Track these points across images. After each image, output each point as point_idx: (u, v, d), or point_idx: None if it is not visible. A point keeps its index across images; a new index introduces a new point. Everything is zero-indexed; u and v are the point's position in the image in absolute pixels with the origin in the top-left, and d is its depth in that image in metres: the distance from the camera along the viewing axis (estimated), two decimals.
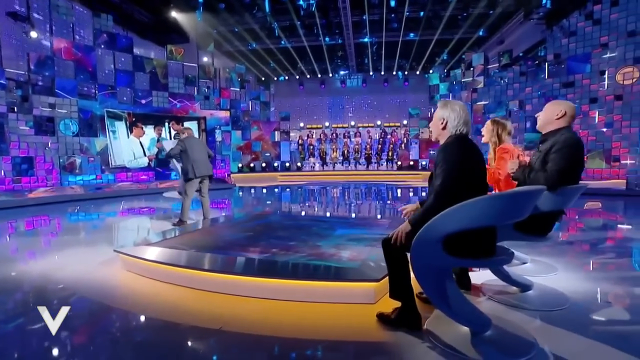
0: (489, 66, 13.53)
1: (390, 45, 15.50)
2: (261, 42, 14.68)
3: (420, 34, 14.19)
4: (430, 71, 18.02)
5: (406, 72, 19.41)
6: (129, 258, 3.38)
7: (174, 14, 12.20)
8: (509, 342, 2.03)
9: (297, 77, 19.86)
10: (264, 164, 15.73)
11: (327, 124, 22.03)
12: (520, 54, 14.42)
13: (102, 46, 9.66)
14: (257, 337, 2.16)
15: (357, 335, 2.18)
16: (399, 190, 10.72)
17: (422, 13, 12.95)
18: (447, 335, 2.08)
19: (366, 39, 15.40)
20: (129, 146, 10.17)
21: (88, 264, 3.67)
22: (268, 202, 8.97)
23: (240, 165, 14.96)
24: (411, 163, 16.37)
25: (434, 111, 2.18)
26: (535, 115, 2.59)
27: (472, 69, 13.86)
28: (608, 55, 9.07)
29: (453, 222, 1.86)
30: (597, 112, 9.16)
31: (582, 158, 2.39)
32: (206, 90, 12.83)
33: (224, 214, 6.99)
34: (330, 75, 20.29)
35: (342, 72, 21.01)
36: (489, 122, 3.28)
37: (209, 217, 5.32)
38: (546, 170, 2.30)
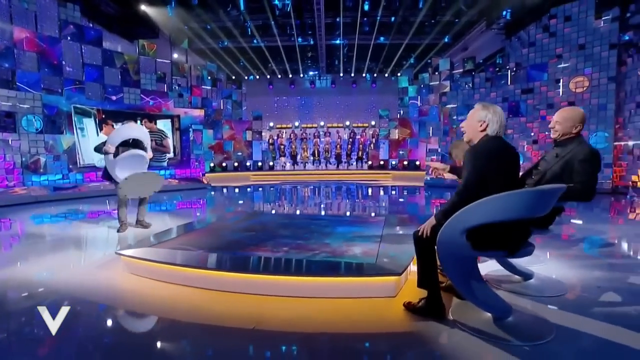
0: (454, 71, 14.22)
1: (361, 48, 15.81)
2: (234, 40, 14.41)
3: (391, 38, 14.60)
4: (399, 74, 18.58)
5: (375, 75, 19.88)
6: (134, 260, 3.26)
7: (144, 7, 11.67)
8: (529, 325, 2.22)
9: (268, 76, 19.68)
10: (236, 164, 15.46)
11: (297, 123, 22.03)
12: (481, 61, 15.30)
13: (69, 38, 9.04)
14: (293, 334, 2.19)
15: (387, 326, 2.28)
16: (375, 189, 10.99)
17: (393, 18, 13.35)
18: (473, 321, 2.23)
19: (338, 41, 15.60)
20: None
21: (85, 268, 3.50)
22: (250, 202, 8.88)
23: (212, 164, 14.59)
24: (381, 163, 16.80)
25: (403, 112, 2.30)
26: (550, 127, 2.74)
27: (437, 73, 14.49)
28: (562, 65, 9.90)
29: (476, 216, 1.99)
30: (553, 117, 9.96)
31: None
32: (177, 87, 12.41)
33: (212, 214, 6.84)
34: (301, 75, 20.32)
35: (311, 73, 21.12)
36: None
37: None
38: (578, 182, 2.38)
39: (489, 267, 3.17)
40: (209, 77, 14.89)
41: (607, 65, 9.27)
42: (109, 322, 2.42)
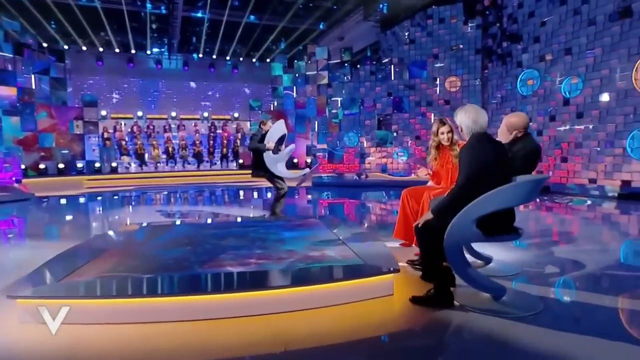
0: (330, 61, 15.61)
1: (228, 26, 15.70)
2: None
3: (264, 18, 15.03)
4: (268, 59, 19.19)
5: (241, 59, 19.98)
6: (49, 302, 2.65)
7: None
8: (520, 299, 2.92)
9: (101, 49, 17.47)
10: (61, 165, 13.30)
11: (140, 113, 20.28)
12: (354, 52, 17.24)
13: None
14: (326, 347, 2.29)
15: (406, 322, 2.63)
16: (264, 191, 11.17)
17: None
18: (476, 302, 2.78)
19: (200, 14, 15.14)
20: None
21: None
22: (125, 214, 7.97)
23: (23, 166, 12.16)
24: None
25: (277, 104, 2.71)
26: (503, 131, 3.47)
27: (312, 61, 15.59)
28: (439, 65, 12.16)
29: (489, 205, 2.58)
30: (432, 114, 12.13)
31: None
32: None
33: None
34: (148, 52, 18.78)
35: (156, 50, 19.71)
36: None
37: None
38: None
39: None
40: (8, 41, 12.36)
41: (474, 68, 11.86)
42: None
